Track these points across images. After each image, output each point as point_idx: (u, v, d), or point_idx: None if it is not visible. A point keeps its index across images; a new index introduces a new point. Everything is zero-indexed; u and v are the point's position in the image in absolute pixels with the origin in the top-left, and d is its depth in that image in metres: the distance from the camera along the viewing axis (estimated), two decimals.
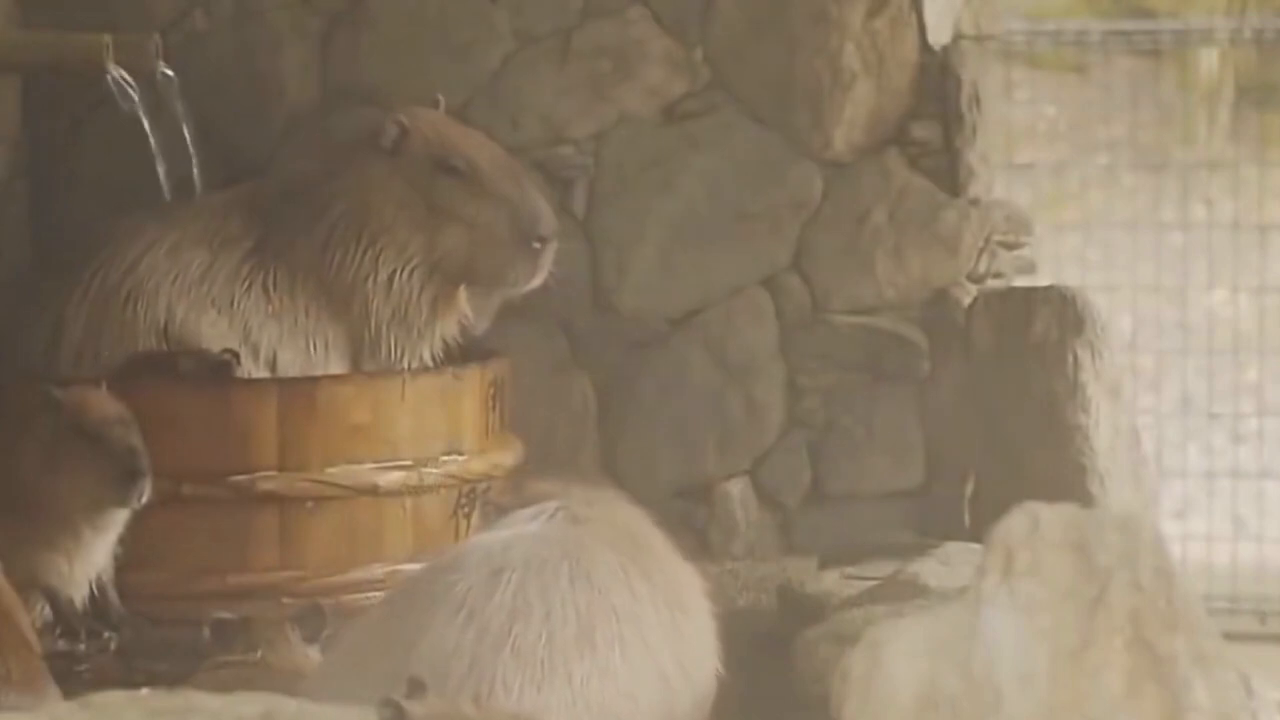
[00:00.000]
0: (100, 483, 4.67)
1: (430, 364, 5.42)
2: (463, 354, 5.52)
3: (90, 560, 4.80)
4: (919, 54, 6.08)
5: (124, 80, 5.38)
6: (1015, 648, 2.99)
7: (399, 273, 5.35)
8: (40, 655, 4.05)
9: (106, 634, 4.83)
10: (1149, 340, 7.79)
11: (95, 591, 4.85)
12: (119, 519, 4.79)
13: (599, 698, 3.80)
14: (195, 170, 5.55)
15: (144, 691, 3.25)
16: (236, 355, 5.18)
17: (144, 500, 4.68)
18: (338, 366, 5.34)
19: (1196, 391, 7.96)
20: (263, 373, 5.27)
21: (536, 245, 5.37)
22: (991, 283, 6.07)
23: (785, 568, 5.62)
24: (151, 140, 5.42)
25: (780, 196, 6.06)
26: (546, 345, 6.01)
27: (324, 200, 5.38)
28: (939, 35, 6.11)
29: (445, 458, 5.21)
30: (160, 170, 5.45)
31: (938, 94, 6.08)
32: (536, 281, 5.43)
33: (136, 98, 5.38)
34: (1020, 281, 6.07)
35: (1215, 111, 9.73)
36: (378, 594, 4.73)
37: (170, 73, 5.56)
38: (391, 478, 5.11)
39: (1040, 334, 5.36)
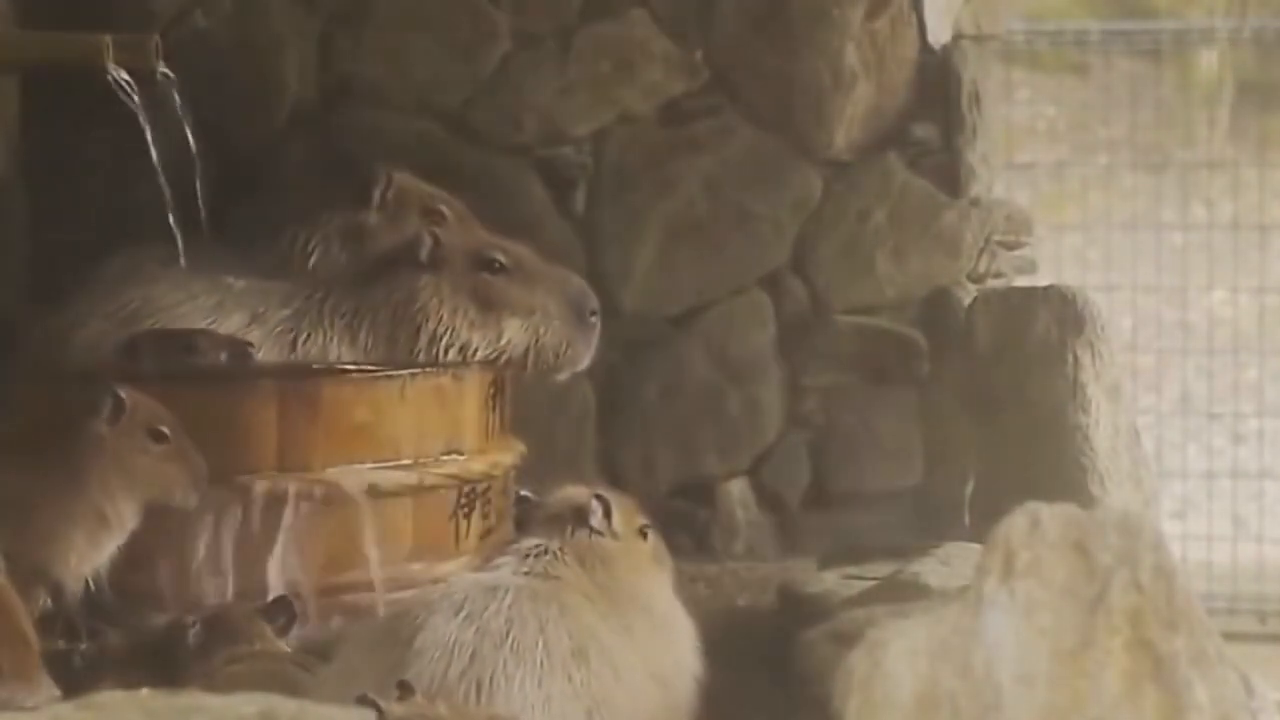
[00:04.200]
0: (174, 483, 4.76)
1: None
2: None
3: (99, 557, 4.80)
4: (919, 54, 6.08)
5: (124, 80, 5.38)
6: (1015, 648, 2.99)
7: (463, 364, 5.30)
8: (36, 650, 4.04)
9: (106, 633, 4.82)
10: (1149, 340, 7.78)
11: (92, 589, 4.84)
12: (137, 516, 4.80)
13: (601, 696, 3.86)
14: (196, 170, 5.55)
15: (144, 691, 3.25)
16: (251, 344, 5.16)
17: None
18: None
19: (1196, 391, 7.96)
20: None
21: (592, 319, 5.35)
22: (991, 283, 6.08)
23: (785, 568, 5.61)
24: (151, 140, 5.42)
25: (780, 196, 6.06)
26: None
27: (373, 306, 5.27)
28: (939, 35, 6.11)
29: (445, 458, 5.20)
30: (160, 170, 5.45)
31: (938, 94, 6.08)
32: (588, 360, 5.41)
33: (136, 98, 5.37)
34: (1020, 281, 6.08)
35: (1215, 112, 9.71)
36: (377, 594, 4.76)
37: (170, 73, 5.56)
38: (391, 478, 5.11)
39: (1040, 334, 5.36)
